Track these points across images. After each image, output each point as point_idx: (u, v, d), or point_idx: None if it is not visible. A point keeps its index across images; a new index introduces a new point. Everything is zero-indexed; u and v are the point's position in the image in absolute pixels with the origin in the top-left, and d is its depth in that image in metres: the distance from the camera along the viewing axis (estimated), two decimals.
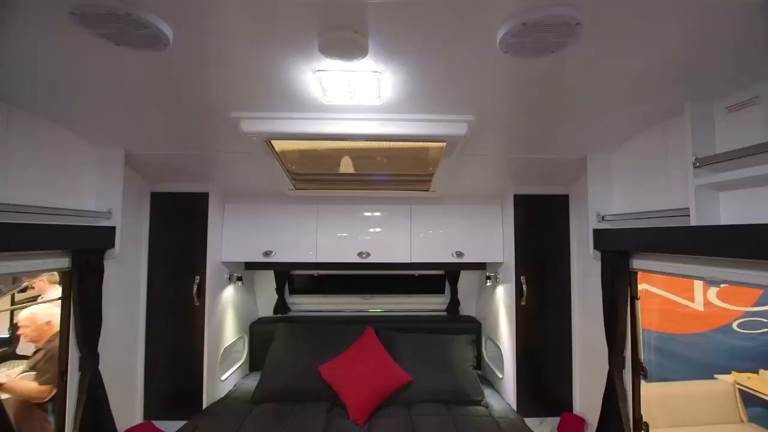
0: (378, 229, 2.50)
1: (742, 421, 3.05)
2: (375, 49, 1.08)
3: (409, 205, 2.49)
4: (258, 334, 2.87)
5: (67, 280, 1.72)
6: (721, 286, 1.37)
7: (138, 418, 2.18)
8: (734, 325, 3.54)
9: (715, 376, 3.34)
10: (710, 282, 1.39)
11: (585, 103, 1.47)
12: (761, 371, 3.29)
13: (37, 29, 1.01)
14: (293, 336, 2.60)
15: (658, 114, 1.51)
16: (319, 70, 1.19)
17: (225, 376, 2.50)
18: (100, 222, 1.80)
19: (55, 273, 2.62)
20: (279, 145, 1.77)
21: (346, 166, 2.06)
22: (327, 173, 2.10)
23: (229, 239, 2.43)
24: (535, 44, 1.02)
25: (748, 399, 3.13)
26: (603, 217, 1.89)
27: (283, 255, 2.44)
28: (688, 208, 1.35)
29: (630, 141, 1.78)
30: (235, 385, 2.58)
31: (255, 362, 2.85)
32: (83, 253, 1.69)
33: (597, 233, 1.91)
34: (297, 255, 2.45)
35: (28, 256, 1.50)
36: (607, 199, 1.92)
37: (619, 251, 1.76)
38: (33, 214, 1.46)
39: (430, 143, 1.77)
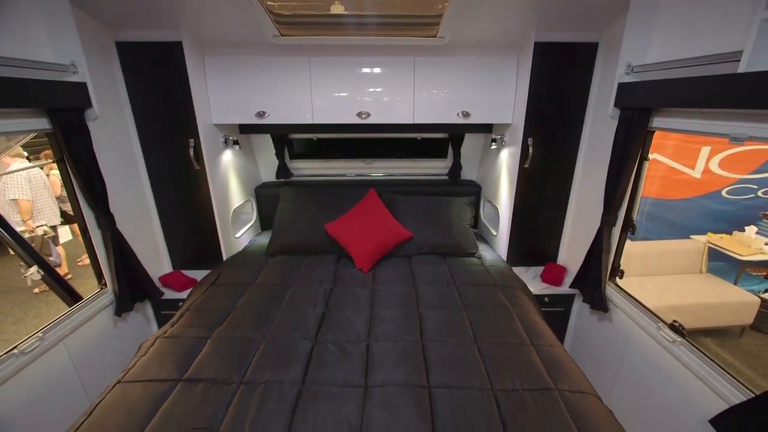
0: (379, 89, 2.27)
1: (701, 272, 3.48)
2: None
3: (412, 56, 2.18)
4: (264, 197, 2.98)
5: (54, 142, 1.66)
6: (745, 143, 1.28)
7: (167, 268, 2.45)
8: (723, 192, 3.63)
9: (692, 236, 3.61)
10: (734, 139, 1.30)
11: None
12: (735, 233, 3.54)
13: None
14: (298, 198, 2.69)
15: None
16: None
17: (239, 234, 2.70)
18: (67, 77, 1.61)
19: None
20: None
21: (338, 8, 1.71)
22: (317, 14, 1.75)
23: (216, 99, 2.24)
24: None
25: (715, 255, 3.46)
26: (633, 69, 1.67)
27: (277, 116, 2.29)
28: (739, 52, 1.16)
29: None
30: (250, 241, 2.82)
31: (265, 222, 3.05)
32: (61, 113, 1.58)
33: (622, 87, 1.71)
34: (292, 116, 2.30)
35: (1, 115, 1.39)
36: (644, 44, 1.64)
37: (642, 108, 1.61)
38: None
39: None
